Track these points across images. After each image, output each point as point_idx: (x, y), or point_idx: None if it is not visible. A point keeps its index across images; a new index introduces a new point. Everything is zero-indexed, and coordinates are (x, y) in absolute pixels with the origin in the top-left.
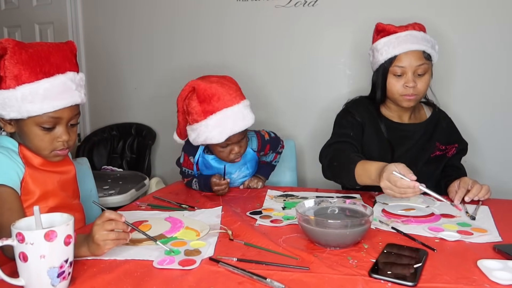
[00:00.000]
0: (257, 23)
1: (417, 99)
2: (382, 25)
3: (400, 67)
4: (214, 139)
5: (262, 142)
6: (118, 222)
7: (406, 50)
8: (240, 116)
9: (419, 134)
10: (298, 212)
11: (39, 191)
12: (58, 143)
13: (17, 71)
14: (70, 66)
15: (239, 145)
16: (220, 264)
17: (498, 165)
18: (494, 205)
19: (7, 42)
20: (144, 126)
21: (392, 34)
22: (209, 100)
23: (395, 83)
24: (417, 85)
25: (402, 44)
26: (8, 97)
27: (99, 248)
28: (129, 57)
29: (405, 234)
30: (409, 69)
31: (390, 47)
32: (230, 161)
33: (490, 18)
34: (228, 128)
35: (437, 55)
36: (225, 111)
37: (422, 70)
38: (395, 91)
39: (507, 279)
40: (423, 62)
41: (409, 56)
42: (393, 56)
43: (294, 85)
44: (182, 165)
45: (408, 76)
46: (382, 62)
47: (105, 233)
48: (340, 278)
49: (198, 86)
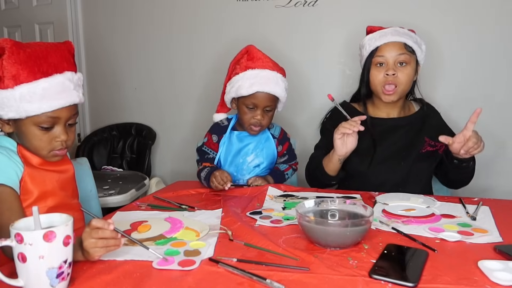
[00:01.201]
0: (257, 23)
1: (398, 91)
2: (371, 27)
3: (381, 56)
4: (244, 89)
5: (284, 136)
6: (105, 231)
7: (386, 41)
8: (274, 80)
9: (405, 128)
10: (298, 212)
11: (38, 191)
12: (57, 143)
13: (15, 71)
14: (68, 66)
15: (263, 113)
16: (219, 265)
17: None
18: (495, 206)
19: (5, 42)
20: (144, 126)
21: (377, 31)
22: (255, 60)
23: (377, 74)
24: (398, 75)
25: (383, 36)
26: (6, 97)
27: (89, 255)
28: (129, 57)
29: (405, 235)
30: (390, 59)
31: (373, 40)
32: (249, 126)
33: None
34: (259, 83)
35: (422, 53)
36: (264, 70)
37: (403, 59)
38: (377, 82)
39: (508, 279)
40: (403, 52)
41: (390, 46)
42: (375, 47)
43: (294, 85)
44: (205, 144)
45: (389, 65)
46: (366, 56)
47: (93, 241)
48: (340, 279)
49: (251, 47)
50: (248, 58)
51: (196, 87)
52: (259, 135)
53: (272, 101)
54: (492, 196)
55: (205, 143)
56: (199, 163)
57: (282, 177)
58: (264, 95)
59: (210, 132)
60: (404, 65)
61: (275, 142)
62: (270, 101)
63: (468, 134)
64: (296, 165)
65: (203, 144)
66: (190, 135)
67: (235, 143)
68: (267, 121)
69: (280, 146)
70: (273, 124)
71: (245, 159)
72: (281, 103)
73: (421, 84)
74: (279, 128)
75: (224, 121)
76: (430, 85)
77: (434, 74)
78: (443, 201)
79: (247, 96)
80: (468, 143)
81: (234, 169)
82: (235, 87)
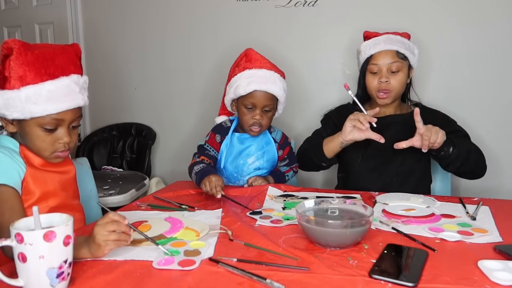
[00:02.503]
0: (257, 23)
1: (391, 95)
2: (367, 32)
3: (375, 65)
4: (241, 88)
5: (285, 140)
6: (121, 224)
7: (379, 49)
8: (271, 80)
9: (399, 125)
10: (298, 212)
11: (40, 191)
12: (59, 144)
13: (22, 72)
14: (75, 69)
15: (262, 113)
16: (219, 265)
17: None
18: (495, 205)
19: (13, 43)
20: (144, 126)
21: (372, 38)
22: (253, 61)
23: (371, 80)
24: (390, 81)
25: (377, 45)
26: (12, 97)
27: (99, 249)
28: (129, 57)
29: (405, 235)
30: (383, 67)
31: (367, 48)
32: (249, 128)
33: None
34: (256, 82)
35: (415, 57)
36: (261, 70)
37: (395, 68)
38: (372, 88)
39: (508, 279)
40: (395, 60)
41: (383, 54)
42: (369, 55)
43: (293, 85)
44: (207, 142)
45: (382, 73)
46: (362, 62)
47: (106, 234)
48: (340, 279)
49: (249, 50)
50: (246, 60)
51: (196, 87)
52: (260, 138)
53: (271, 101)
54: (494, 196)
55: (207, 141)
56: (195, 155)
57: (283, 178)
58: (262, 94)
59: (214, 131)
60: (396, 72)
61: (276, 146)
62: (268, 100)
63: (421, 131)
64: (296, 168)
65: (205, 142)
66: (190, 135)
67: (236, 145)
68: (266, 122)
69: (281, 150)
70: (275, 128)
71: (246, 160)
72: (281, 104)
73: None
74: (280, 132)
75: (227, 122)
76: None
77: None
78: (443, 201)
79: (246, 96)
80: (423, 140)
81: (234, 170)
82: (233, 87)
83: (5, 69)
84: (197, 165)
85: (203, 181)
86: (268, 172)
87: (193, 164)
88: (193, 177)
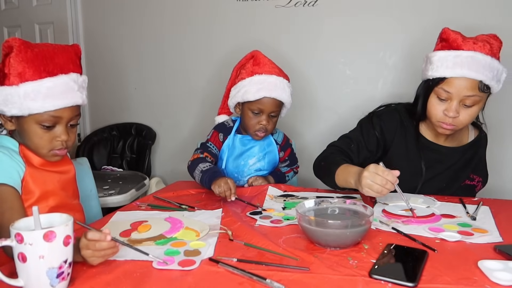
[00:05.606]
0: (257, 23)
1: (455, 129)
2: (447, 32)
3: (446, 92)
4: (250, 94)
5: (286, 142)
6: (102, 243)
7: (459, 75)
8: (280, 86)
9: (454, 159)
10: (298, 212)
11: (39, 191)
12: (57, 142)
13: (21, 69)
14: (74, 68)
15: (268, 119)
16: (219, 265)
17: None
18: (495, 206)
19: (13, 41)
20: (144, 126)
21: (453, 50)
22: (262, 65)
23: (436, 106)
24: (459, 117)
25: (458, 67)
26: (10, 93)
27: (88, 263)
28: (129, 57)
29: (405, 235)
30: (456, 97)
31: (443, 65)
32: (254, 132)
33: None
34: (266, 88)
35: (499, 85)
36: (271, 76)
37: (470, 102)
38: (433, 115)
39: (508, 279)
40: (474, 93)
41: (461, 82)
42: (443, 77)
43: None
44: (209, 140)
45: (452, 104)
46: (429, 79)
47: (90, 252)
48: (340, 279)
49: (257, 53)
50: (254, 63)
51: (196, 86)
52: (262, 139)
53: (278, 107)
54: (494, 196)
55: (209, 139)
56: (198, 150)
57: (283, 178)
58: (271, 101)
59: (217, 129)
60: (470, 106)
61: (277, 148)
62: (276, 106)
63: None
64: (297, 169)
65: (207, 140)
66: (190, 135)
67: (238, 146)
68: (271, 127)
69: (282, 152)
70: (276, 130)
71: (247, 161)
72: (285, 109)
73: None
74: (282, 134)
75: (229, 122)
76: None
77: None
78: (443, 201)
79: (254, 101)
80: None
81: (235, 170)
82: (241, 92)
83: (5, 66)
84: (203, 163)
85: (216, 182)
86: (268, 172)
87: (196, 160)
88: (197, 174)
